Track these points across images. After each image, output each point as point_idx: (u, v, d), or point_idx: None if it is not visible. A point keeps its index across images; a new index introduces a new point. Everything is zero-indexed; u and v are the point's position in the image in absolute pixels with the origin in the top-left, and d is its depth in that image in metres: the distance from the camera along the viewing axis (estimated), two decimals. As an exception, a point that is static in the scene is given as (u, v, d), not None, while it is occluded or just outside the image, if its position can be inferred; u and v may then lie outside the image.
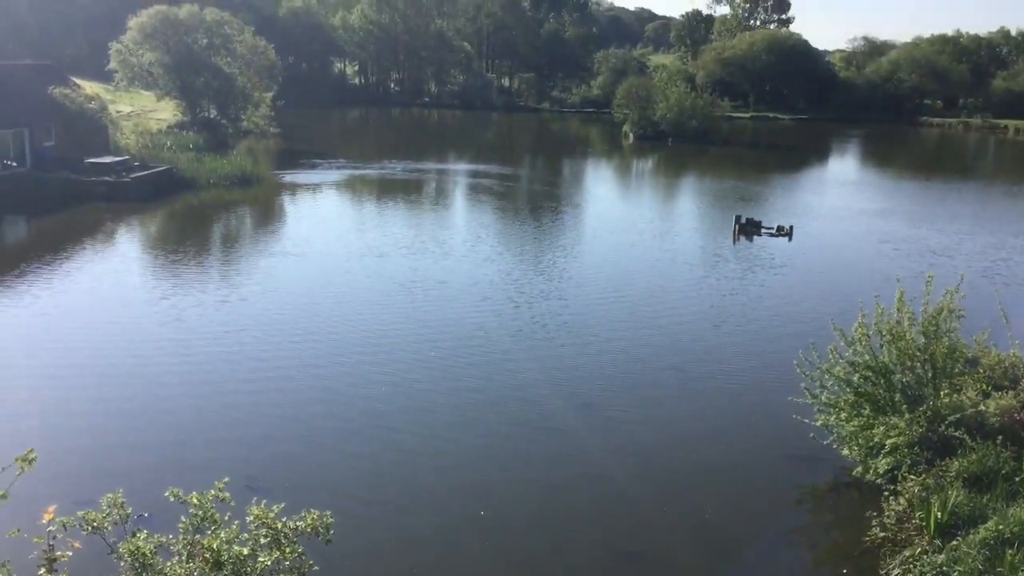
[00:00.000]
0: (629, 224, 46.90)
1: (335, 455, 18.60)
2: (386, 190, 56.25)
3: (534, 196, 58.23)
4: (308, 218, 46.15)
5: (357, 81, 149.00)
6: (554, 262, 36.78)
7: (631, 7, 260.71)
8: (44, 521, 6.40)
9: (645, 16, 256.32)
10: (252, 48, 73.26)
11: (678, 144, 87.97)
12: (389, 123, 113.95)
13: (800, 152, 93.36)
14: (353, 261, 35.45)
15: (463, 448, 19.23)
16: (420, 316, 28.38)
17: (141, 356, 23.78)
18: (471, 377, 23.24)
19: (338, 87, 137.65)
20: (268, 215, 47.91)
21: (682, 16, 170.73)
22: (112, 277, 32.25)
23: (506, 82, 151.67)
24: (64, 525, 7.51)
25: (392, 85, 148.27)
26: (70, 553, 6.54)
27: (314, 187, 55.25)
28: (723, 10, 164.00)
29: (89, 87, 60.31)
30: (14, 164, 47.10)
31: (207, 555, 7.40)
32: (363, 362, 23.97)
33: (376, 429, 19.90)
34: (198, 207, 47.86)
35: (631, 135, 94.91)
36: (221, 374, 22.83)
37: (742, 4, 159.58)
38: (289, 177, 58.12)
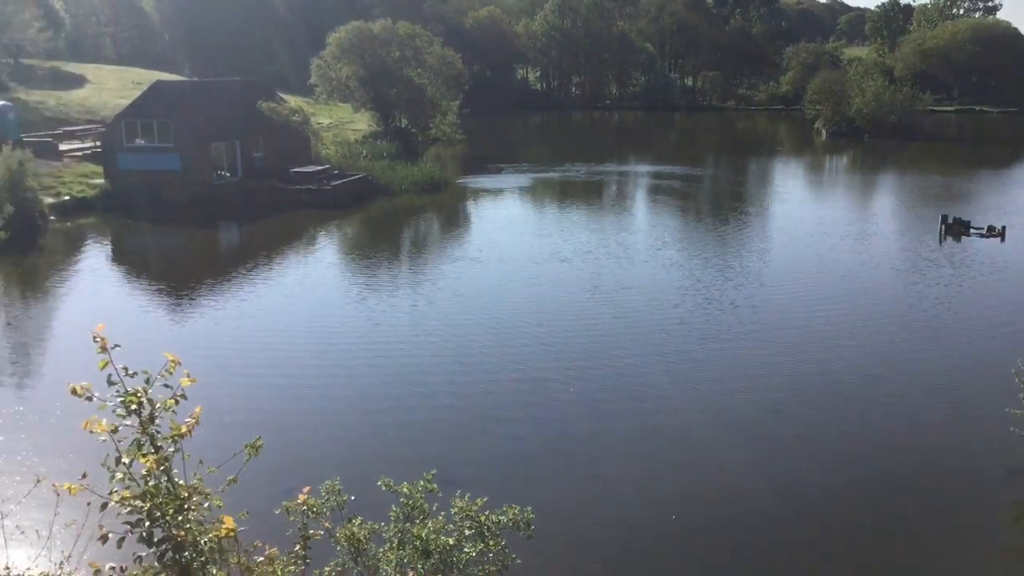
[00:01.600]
0: (825, 225, 44.86)
1: (525, 454, 18.91)
2: (568, 193, 56.65)
3: (720, 197, 56.98)
4: (492, 222, 47.14)
5: (539, 86, 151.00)
6: (743, 267, 35.77)
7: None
8: (299, 501, 6.90)
9: (837, 8, 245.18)
10: (441, 58, 75.63)
11: (875, 140, 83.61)
12: (570, 126, 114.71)
13: (1011, 146, 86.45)
14: (536, 266, 35.80)
15: (651, 452, 19.06)
16: (605, 322, 28.32)
17: (341, 355, 25.06)
18: (659, 385, 23.00)
19: (520, 93, 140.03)
20: (454, 220, 49.35)
21: (878, 7, 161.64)
22: (314, 280, 34.18)
23: (689, 81, 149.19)
24: (287, 509, 8.00)
25: (573, 89, 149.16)
26: (321, 532, 6.98)
27: (498, 192, 56.42)
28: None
29: (293, 101, 64.22)
30: (227, 174, 50.87)
31: (417, 543, 7.72)
32: (549, 366, 24.17)
33: (562, 429, 20.06)
34: (391, 212, 49.95)
35: (823, 132, 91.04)
36: (413, 374, 23.66)
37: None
38: (474, 182, 59.65)
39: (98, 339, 5.08)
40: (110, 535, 5.16)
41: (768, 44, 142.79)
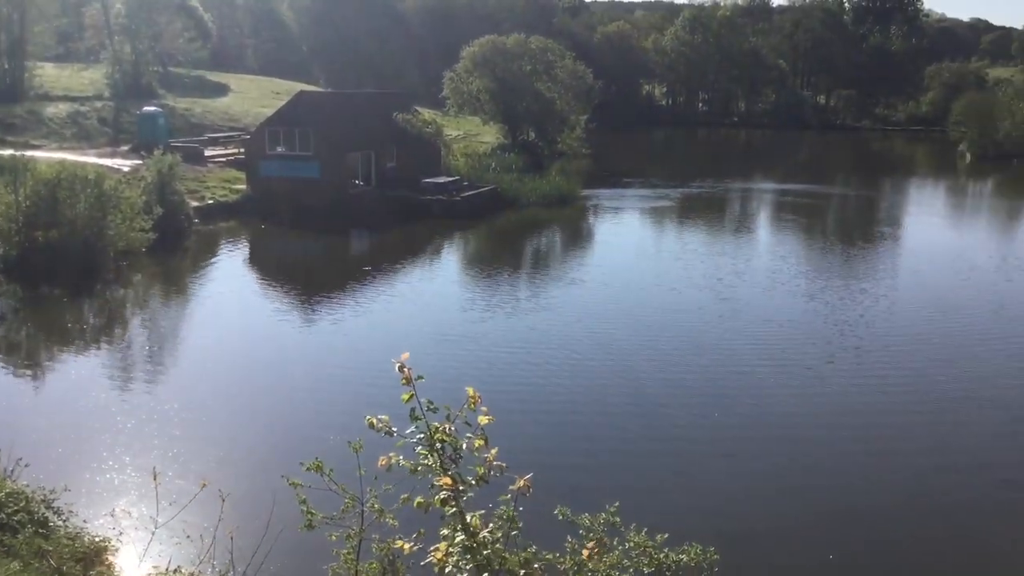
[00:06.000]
0: (968, 254, 42.50)
1: (695, 488, 18.27)
2: (697, 211, 55.59)
3: (856, 222, 54.84)
4: (617, 239, 46.70)
5: (665, 102, 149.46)
6: (874, 296, 34.09)
7: (964, 18, 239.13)
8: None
9: (981, 27, 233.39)
10: (572, 73, 75.33)
11: (1025, 165, 79.14)
12: (696, 143, 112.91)
13: None
14: (669, 293, 34.65)
15: (841, 503, 18.17)
16: (745, 357, 27.16)
17: (463, 370, 24.79)
18: (798, 427, 22.04)
19: (645, 108, 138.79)
20: (579, 237, 49.03)
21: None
22: (433, 296, 34.12)
23: (822, 100, 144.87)
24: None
25: (700, 105, 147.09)
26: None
27: (624, 208, 55.79)
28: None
29: (426, 113, 65.26)
30: (362, 183, 51.95)
31: (593, 577, 7.36)
32: (673, 399, 23.48)
33: (724, 465, 19.40)
34: (518, 225, 49.96)
35: (968, 155, 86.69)
36: (533, 403, 23.11)
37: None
38: (600, 197, 59.20)
39: (405, 370, 4.93)
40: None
41: (908, 63, 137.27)
